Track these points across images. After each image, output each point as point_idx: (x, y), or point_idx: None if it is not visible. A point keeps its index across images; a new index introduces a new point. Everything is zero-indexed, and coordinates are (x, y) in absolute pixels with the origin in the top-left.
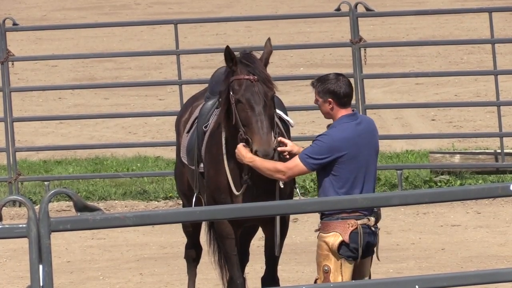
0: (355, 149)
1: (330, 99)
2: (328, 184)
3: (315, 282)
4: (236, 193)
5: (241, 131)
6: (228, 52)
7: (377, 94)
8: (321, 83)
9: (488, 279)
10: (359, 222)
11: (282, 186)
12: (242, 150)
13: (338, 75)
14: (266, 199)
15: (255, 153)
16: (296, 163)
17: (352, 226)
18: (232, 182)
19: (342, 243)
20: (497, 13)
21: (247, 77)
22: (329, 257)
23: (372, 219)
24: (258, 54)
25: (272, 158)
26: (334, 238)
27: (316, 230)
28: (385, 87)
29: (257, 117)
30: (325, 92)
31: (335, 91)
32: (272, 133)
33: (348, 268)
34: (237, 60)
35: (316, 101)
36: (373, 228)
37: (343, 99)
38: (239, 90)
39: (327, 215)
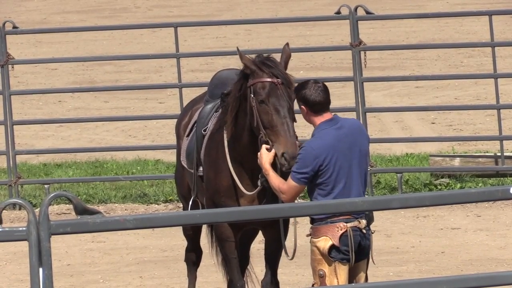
0: (334, 155)
1: (302, 106)
2: (314, 191)
3: (313, 286)
4: (248, 193)
5: (262, 133)
6: (241, 55)
7: (377, 97)
8: (297, 89)
9: (488, 282)
10: (349, 224)
11: None
12: (264, 155)
13: (315, 82)
14: (274, 201)
15: (282, 155)
16: (289, 185)
17: (341, 229)
18: (240, 184)
19: (332, 247)
20: (497, 16)
21: (270, 80)
22: (323, 262)
23: (363, 221)
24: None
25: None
26: (324, 243)
27: (307, 235)
28: (385, 90)
29: (282, 120)
30: (299, 99)
31: (305, 98)
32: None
33: (343, 271)
34: (258, 63)
35: None
36: (364, 231)
37: (315, 107)
38: (263, 93)
39: (317, 220)
